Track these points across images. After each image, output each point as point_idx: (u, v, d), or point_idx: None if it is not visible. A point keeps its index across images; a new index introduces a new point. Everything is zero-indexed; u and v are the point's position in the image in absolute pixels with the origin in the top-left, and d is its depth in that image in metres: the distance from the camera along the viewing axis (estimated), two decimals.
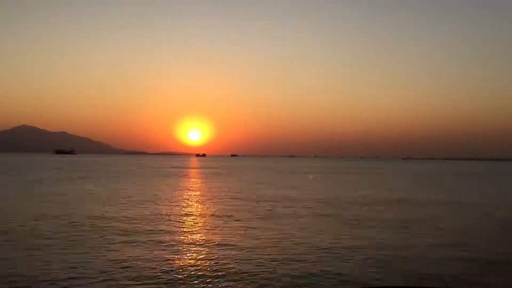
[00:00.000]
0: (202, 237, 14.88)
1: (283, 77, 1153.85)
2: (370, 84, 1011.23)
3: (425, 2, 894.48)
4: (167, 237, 14.48)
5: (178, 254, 12.10)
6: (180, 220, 18.41)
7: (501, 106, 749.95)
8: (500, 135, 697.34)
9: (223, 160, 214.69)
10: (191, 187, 38.96)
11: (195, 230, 16.10)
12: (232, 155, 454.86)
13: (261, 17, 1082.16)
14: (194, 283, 9.48)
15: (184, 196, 29.28)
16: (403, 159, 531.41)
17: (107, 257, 11.51)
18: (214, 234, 15.35)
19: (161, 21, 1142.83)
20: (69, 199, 25.56)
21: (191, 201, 26.34)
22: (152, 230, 15.79)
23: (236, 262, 11.20)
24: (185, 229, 16.28)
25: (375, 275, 10.24)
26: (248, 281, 9.62)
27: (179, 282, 9.48)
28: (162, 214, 19.92)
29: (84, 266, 10.54)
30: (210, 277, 9.91)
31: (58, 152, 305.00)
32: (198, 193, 32.52)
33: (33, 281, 9.39)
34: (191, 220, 18.70)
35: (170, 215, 19.87)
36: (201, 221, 18.56)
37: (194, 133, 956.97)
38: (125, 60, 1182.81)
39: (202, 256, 11.91)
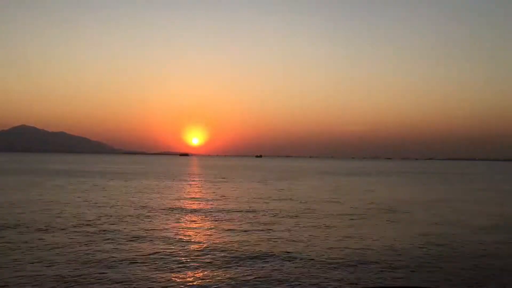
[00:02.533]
0: None
1: (280, 77, 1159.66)
2: (369, 83, 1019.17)
3: (426, 2, 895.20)
4: None
5: None
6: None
7: (502, 106, 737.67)
8: (501, 135, 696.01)
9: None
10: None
11: None
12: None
13: (258, 16, 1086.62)
14: None
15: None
16: (416, 159, 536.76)
17: None
18: None
19: (161, 23, 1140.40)
20: None
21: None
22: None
23: None
24: None
25: None
26: None
27: None
28: None
29: None
30: None
31: None
32: None
33: None
34: None
35: None
36: None
37: (193, 134, 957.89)
38: (125, 61, 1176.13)
39: None
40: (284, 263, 11.01)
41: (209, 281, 9.48)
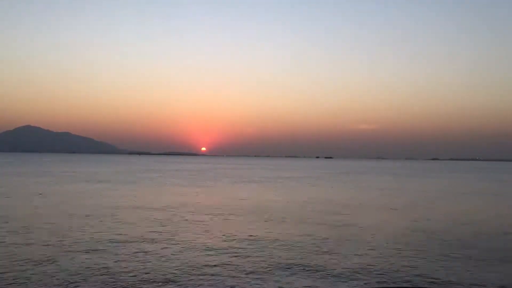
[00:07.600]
0: None
1: (278, 77, 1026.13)
2: (370, 84, 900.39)
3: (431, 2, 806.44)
4: None
5: None
6: None
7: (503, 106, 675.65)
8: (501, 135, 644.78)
9: None
10: None
11: None
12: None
13: (259, 14, 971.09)
14: None
15: None
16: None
17: None
18: None
19: (161, 24, 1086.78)
20: None
21: None
22: None
23: None
24: None
25: None
26: None
27: None
28: None
29: None
30: None
31: None
32: None
33: None
34: None
35: None
36: None
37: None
38: (129, 62, 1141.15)
39: None
40: None
41: None
